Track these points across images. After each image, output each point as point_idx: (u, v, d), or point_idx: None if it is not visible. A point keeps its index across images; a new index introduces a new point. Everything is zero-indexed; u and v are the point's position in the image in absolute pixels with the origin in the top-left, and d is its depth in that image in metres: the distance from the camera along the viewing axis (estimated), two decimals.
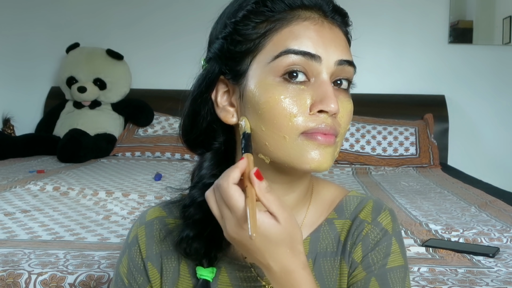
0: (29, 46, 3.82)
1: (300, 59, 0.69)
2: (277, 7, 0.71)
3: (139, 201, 2.08)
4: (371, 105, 3.48)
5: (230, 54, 0.73)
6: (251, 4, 0.72)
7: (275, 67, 0.69)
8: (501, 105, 3.58)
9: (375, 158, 3.14)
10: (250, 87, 0.71)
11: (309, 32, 0.70)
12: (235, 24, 0.72)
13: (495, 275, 1.29)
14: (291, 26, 0.70)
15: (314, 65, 0.70)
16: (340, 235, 0.79)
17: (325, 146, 0.70)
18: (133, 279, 0.80)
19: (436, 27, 3.60)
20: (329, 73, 0.71)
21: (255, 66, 0.71)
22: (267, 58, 0.70)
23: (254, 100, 0.71)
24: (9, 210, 1.89)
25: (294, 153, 0.69)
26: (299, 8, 0.71)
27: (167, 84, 3.40)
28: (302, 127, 0.69)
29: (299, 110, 0.69)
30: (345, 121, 0.73)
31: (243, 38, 0.72)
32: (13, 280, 1.25)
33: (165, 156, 3.29)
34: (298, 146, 0.69)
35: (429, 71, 3.61)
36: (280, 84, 0.69)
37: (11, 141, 3.34)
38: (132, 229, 0.83)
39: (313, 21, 0.71)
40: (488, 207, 2.05)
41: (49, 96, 3.77)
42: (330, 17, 0.73)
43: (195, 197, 0.76)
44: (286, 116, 0.68)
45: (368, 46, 3.54)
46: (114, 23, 3.75)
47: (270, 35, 0.71)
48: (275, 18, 0.71)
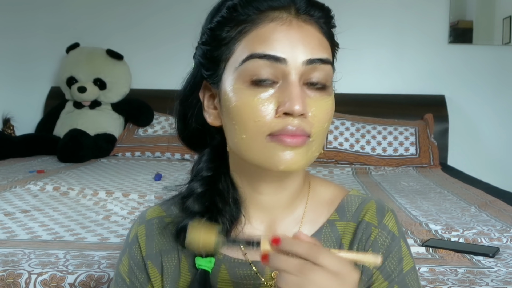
0: (29, 46, 3.82)
1: (265, 62, 0.69)
2: (247, 11, 0.71)
3: (139, 201, 2.08)
4: (371, 105, 3.48)
5: (208, 60, 0.75)
6: (224, 10, 0.73)
7: (242, 71, 0.70)
8: (501, 105, 3.58)
9: (375, 158, 3.14)
10: (224, 90, 0.73)
11: (274, 34, 0.70)
12: (210, 30, 0.74)
13: (495, 275, 1.29)
14: (258, 29, 0.71)
15: (280, 67, 0.69)
16: (342, 238, 0.80)
17: (292, 147, 0.70)
18: (134, 277, 0.81)
19: (436, 27, 3.60)
20: (298, 74, 0.70)
21: (227, 70, 0.73)
22: (236, 63, 0.71)
23: (226, 104, 0.72)
24: (9, 210, 1.89)
25: (263, 155, 0.70)
26: (268, 10, 0.71)
27: (167, 84, 3.36)
28: (268, 129, 0.69)
29: (266, 113, 0.69)
30: (320, 120, 0.71)
31: (218, 43, 0.73)
32: (13, 280, 1.25)
33: (165, 156, 3.29)
34: (266, 148, 0.70)
35: (429, 71, 3.61)
36: (248, 88, 0.70)
37: (11, 141, 3.34)
38: (132, 228, 0.84)
39: (280, 22, 0.71)
40: (488, 207, 2.05)
41: (49, 96, 3.77)
42: (303, 13, 0.72)
43: (193, 188, 0.78)
44: (252, 119, 0.69)
45: (368, 46, 3.55)
46: (114, 23, 3.75)
47: (240, 38, 0.71)
48: (245, 21, 0.71)
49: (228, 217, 0.77)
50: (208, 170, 0.79)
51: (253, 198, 0.78)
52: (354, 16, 3.53)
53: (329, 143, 3.20)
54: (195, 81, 0.78)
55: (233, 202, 0.78)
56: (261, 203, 0.79)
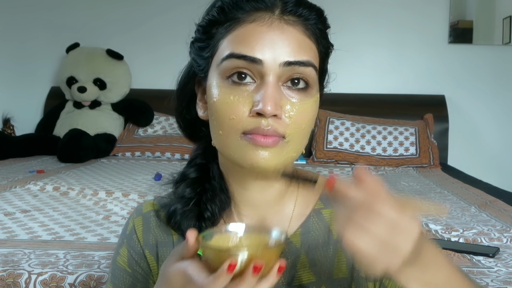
0: (29, 46, 3.82)
1: (242, 62, 0.70)
2: (234, 12, 0.73)
3: (139, 201, 2.08)
4: (371, 105, 3.48)
5: (198, 55, 0.77)
6: (214, 10, 0.74)
7: (222, 69, 0.72)
8: (501, 105, 3.58)
9: (375, 158, 3.14)
10: (207, 86, 0.75)
11: (253, 34, 0.71)
12: (201, 27, 0.76)
13: (495, 275, 1.29)
14: (239, 28, 0.72)
15: (257, 67, 0.70)
16: (330, 225, 0.80)
17: (264, 147, 0.70)
18: (137, 265, 0.81)
19: (436, 27, 3.60)
20: (275, 75, 0.70)
21: (212, 66, 0.75)
22: (217, 61, 0.73)
23: (209, 100, 0.75)
24: (9, 210, 1.89)
25: (237, 152, 0.72)
26: (253, 11, 0.72)
27: (167, 84, 3.34)
28: (242, 127, 0.70)
29: (240, 111, 0.70)
30: (296, 121, 0.71)
31: (206, 42, 0.75)
32: (13, 280, 1.25)
33: (165, 156, 3.29)
34: (240, 146, 0.71)
35: (429, 71, 3.61)
36: (226, 86, 0.72)
37: (11, 141, 3.34)
38: (129, 221, 0.85)
39: (261, 22, 0.71)
40: (488, 207, 2.05)
41: (49, 96, 3.77)
42: (289, 14, 0.72)
43: (187, 174, 0.82)
44: (228, 116, 0.71)
45: (368, 46, 3.55)
46: (114, 23, 3.75)
47: (224, 36, 0.73)
48: (230, 21, 0.73)
49: (219, 204, 0.78)
50: (203, 158, 0.82)
51: (241, 194, 0.79)
52: (354, 16, 3.54)
53: (329, 143, 3.20)
54: (188, 74, 0.81)
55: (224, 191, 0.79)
56: (249, 200, 0.79)
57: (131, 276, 0.81)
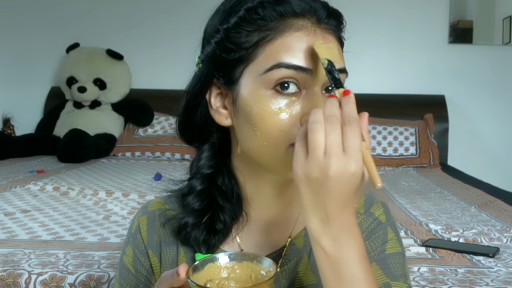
0: (29, 46, 3.82)
1: (291, 72, 0.69)
2: (269, 16, 0.70)
3: (139, 201, 2.08)
4: (371, 105, 3.46)
5: (222, 61, 0.73)
6: (243, 11, 0.71)
7: (266, 79, 0.70)
8: (501, 105, 3.58)
9: (375, 158, 3.14)
10: (242, 95, 0.72)
11: (301, 44, 0.70)
12: (226, 30, 0.72)
13: (495, 275, 1.29)
14: (283, 37, 0.70)
15: (305, 77, 0.70)
16: None
17: None
18: (140, 265, 0.82)
19: (436, 27, 3.60)
20: (321, 84, 0.71)
21: (247, 75, 0.72)
22: (259, 70, 0.70)
23: (246, 110, 0.71)
24: (9, 210, 1.89)
25: (282, 163, 0.70)
26: (291, 17, 0.70)
27: (167, 84, 3.38)
28: (291, 139, 0.69)
29: (290, 122, 0.69)
30: None
31: (235, 46, 0.72)
32: (13, 280, 1.25)
33: (165, 156, 3.29)
34: (287, 156, 0.69)
35: (429, 71, 3.61)
36: (271, 96, 0.70)
37: (11, 141, 3.34)
38: (135, 219, 0.85)
39: (306, 32, 0.70)
40: (488, 207, 2.05)
41: (49, 96, 3.77)
42: (324, 22, 0.72)
43: (194, 186, 0.79)
44: (277, 128, 0.69)
45: (368, 46, 3.54)
46: (114, 23, 3.75)
47: (262, 45, 0.70)
48: (267, 27, 0.70)
49: (229, 213, 0.78)
50: (209, 167, 0.80)
51: (256, 198, 0.79)
52: (354, 16, 3.51)
53: None
54: (205, 79, 0.76)
55: (235, 199, 0.79)
56: (261, 203, 0.79)
57: (134, 277, 0.82)
